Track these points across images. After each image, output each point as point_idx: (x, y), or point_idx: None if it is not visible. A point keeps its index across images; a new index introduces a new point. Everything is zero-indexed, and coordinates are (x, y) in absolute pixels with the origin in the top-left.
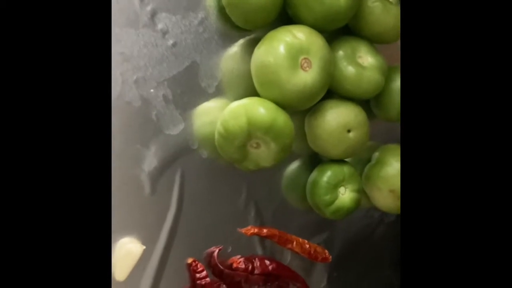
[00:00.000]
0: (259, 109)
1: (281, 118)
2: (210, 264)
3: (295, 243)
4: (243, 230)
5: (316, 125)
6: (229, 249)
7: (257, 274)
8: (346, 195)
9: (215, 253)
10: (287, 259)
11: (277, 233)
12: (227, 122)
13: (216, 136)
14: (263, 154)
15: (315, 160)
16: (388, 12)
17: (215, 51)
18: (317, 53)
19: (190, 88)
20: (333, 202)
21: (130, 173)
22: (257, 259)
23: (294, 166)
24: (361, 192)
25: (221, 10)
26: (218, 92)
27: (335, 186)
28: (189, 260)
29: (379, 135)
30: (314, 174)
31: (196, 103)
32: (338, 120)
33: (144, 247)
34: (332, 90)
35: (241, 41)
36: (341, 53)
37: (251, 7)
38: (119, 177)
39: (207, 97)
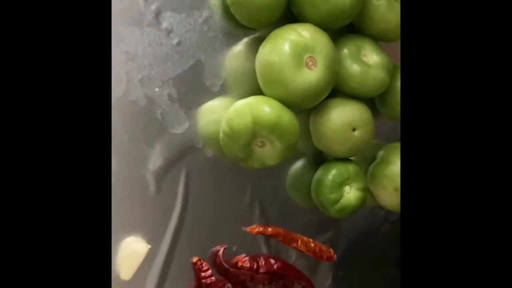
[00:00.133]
0: (264, 108)
1: (286, 117)
2: (215, 263)
3: (300, 242)
4: (248, 229)
5: (321, 124)
6: (234, 248)
7: (262, 273)
8: (351, 194)
9: (220, 252)
10: (292, 258)
11: (282, 232)
12: (232, 120)
13: (221, 135)
14: (268, 153)
15: (320, 159)
16: (393, 10)
17: (219, 50)
18: (322, 51)
19: (194, 87)
20: (338, 200)
21: (135, 172)
22: (262, 258)
23: (299, 164)
24: (366, 190)
25: (226, 9)
26: (223, 91)
27: (340, 184)
28: (194, 259)
29: (383, 133)
30: (319, 172)
31: (200, 102)
32: (343, 118)
33: (150, 246)
34: (337, 89)
35: (245, 39)
36: (346, 51)
37: (255, 5)
38: (124, 176)
39: (211, 96)
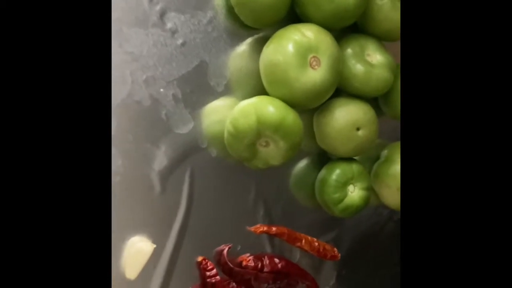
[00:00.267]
0: (269, 108)
1: (290, 117)
2: (219, 262)
3: (304, 241)
4: (252, 229)
5: (325, 123)
6: (239, 247)
7: (267, 272)
8: (355, 193)
9: (225, 251)
10: (296, 257)
11: (286, 231)
12: (236, 120)
13: (225, 134)
14: (272, 153)
15: (323, 158)
16: (396, 10)
17: (223, 50)
18: (326, 51)
19: (199, 87)
20: (342, 200)
21: (140, 172)
22: (266, 257)
23: (303, 164)
24: (370, 190)
25: (230, 9)
26: (227, 91)
27: (344, 184)
28: (199, 259)
29: (387, 133)
30: (323, 172)
31: (205, 102)
32: (347, 118)
33: (155, 245)
34: (340, 88)
35: (249, 40)
36: (349, 51)
37: (259, 6)
38: (129, 176)
39: (216, 96)
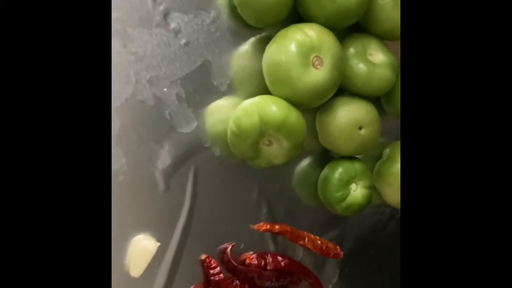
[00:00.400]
0: (271, 107)
1: (293, 116)
2: (223, 260)
3: (307, 239)
4: (255, 227)
5: (328, 123)
6: (242, 246)
7: (270, 270)
8: (357, 192)
9: (228, 250)
10: (299, 255)
11: (289, 229)
12: (239, 120)
13: (228, 134)
14: (275, 152)
15: (326, 157)
16: (399, 9)
17: (227, 49)
18: (328, 50)
19: (202, 86)
20: (344, 198)
21: (144, 171)
22: (269, 255)
23: (306, 163)
24: (372, 188)
25: (233, 9)
26: (230, 90)
27: (346, 182)
28: (203, 257)
29: (389, 132)
30: (326, 171)
31: (208, 102)
32: (350, 117)
33: (159, 243)
34: (343, 88)
35: (252, 39)
36: (352, 50)
37: (262, 5)
38: (134, 174)
39: (219, 95)
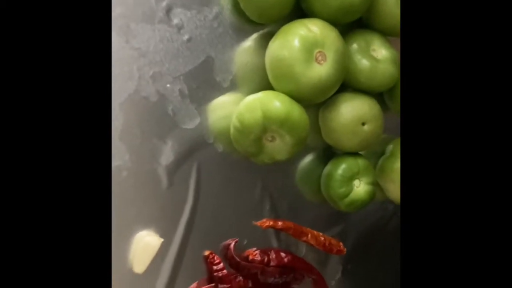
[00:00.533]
0: (274, 103)
1: (296, 112)
2: (226, 256)
3: (310, 235)
4: (258, 223)
5: (331, 118)
6: (245, 242)
7: (273, 266)
8: (360, 188)
9: (232, 246)
10: (302, 251)
11: (292, 225)
12: (242, 115)
13: (231, 129)
14: (278, 148)
15: (329, 153)
16: None
17: (229, 45)
18: (331, 46)
19: (205, 82)
20: (347, 194)
21: (148, 167)
22: (272, 251)
23: (308, 159)
24: (375, 184)
25: (235, 5)
26: (233, 86)
27: (349, 179)
28: (206, 253)
29: (392, 128)
30: (329, 167)
31: (211, 98)
32: (353, 113)
33: (162, 239)
34: (346, 83)
35: (255, 35)
36: (355, 46)
37: (265, 1)
38: (137, 171)
39: (222, 91)
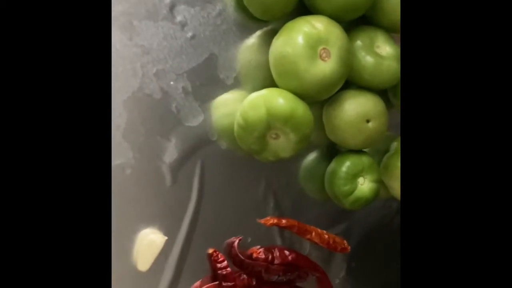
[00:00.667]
0: (278, 100)
1: (300, 109)
2: (230, 254)
3: (314, 233)
4: (262, 221)
5: (335, 116)
6: (249, 240)
7: (277, 264)
8: (365, 185)
9: (235, 244)
10: (306, 249)
11: (296, 223)
12: (246, 113)
13: (235, 127)
14: (282, 145)
15: (333, 151)
16: None
17: (233, 42)
18: (335, 43)
19: (209, 80)
20: (352, 192)
21: (151, 165)
22: (276, 249)
23: (312, 156)
24: (380, 182)
25: (239, 2)
26: (237, 83)
27: (354, 176)
28: (210, 251)
29: (396, 125)
30: (333, 164)
31: (215, 95)
32: (357, 110)
33: (166, 237)
34: (350, 80)
35: (259, 32)
36: (359, 43)
37: None
38: (140, 168)
39: (225, 88)
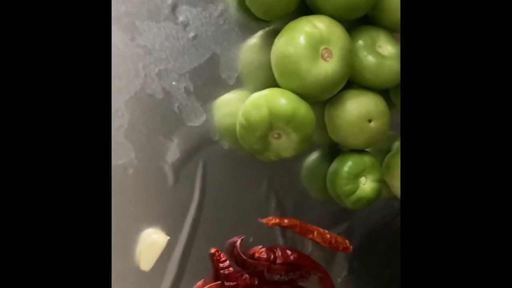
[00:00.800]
0: (280, 100)
1: (302, 109)
2: (232, 254)
3: (316, 233)
4: (264, 221)
5: (337, 116)
6: (251, 239)
7: (279, 264)
8: (367, 185)
9: (237, 243)
10: (308, 249)
11: (298, 223)
12: (248, 113)
13: (237, 127)
14: (284, 145)
15: (335, 151)
16: None
17: (235, 42)
18: (337, 43)
19: (211, 80)
20: (354, 192)
21: (153, 164)
22: (278, 249)
23: (314, 156)
24: (381, 182)
25: (241, 2)
26: (239, 83)
27: (356, 176)
28: (212, 250)
29: (398, 125)
30: (335, 164)
31: (217, 95)
32: (359, 110)
33: (168, 237)
34: (352, 80)
35: (260, 32)
36: (361, 42)
37: None
38: (143, 168)
39: (227, 88)
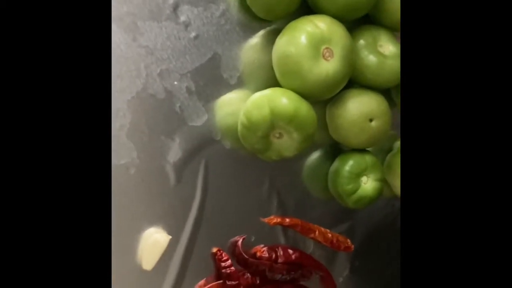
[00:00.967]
0: (282, 99)
1: (304, 108)
2: (234, 253)
3: (317, 232)
4: (266, 220)
5: (338, 115)
6: (253, 239)
7: (281, 263)
8: (368, 184)
9: (239, 243)
10: (310, 248)
11: (299, 222)
12: (250, 112)
13: (239, 126)
14: (286, 144)
15: (336, 150)
16: None
17: (236, 42)
18: (338, 42)
19: (212, 79)
20: (355, 191)
21: (155, 164)
22: (280, 248)
23: (316, 156)
24: (383, 181)
25: (242, 2)
26: (240, 83)
27: (357, 175)
28: (214, 250)
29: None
30: (336, 163)
31: (218, 95)
32: (360, 109)
33: (170, 237)
34: (353, 80)
35: (262, 32)
36: (362, 42)
37: None
38: (145, 168)
39: (229, 88)
